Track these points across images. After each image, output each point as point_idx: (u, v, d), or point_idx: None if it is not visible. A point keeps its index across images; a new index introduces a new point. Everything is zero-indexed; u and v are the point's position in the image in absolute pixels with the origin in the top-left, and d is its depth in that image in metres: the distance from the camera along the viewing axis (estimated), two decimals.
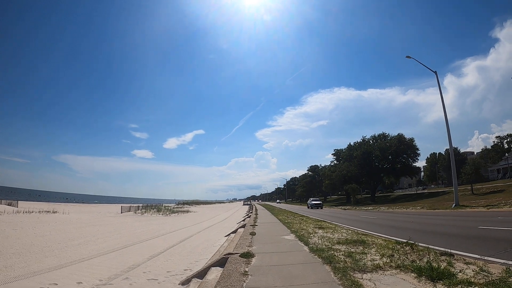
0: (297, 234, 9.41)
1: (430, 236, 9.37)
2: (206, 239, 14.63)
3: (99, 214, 34.52)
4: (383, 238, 8.63)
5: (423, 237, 8.56)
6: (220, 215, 39.47)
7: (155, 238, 15.51)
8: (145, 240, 14.48)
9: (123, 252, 11.25)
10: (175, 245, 13.01)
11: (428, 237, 9.01)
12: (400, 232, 10.46)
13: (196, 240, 14.54)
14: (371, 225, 14.11)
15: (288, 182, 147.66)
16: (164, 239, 15.41)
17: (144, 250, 11.64)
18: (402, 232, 10.44)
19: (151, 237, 15.70)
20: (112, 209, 45.74)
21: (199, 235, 16.50)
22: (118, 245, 12.49)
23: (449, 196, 36.24)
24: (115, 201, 78.30)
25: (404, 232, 10.59)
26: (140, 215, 36.25)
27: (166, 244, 13.03)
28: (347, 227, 12.35)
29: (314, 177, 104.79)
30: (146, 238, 15.17)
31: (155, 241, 14.57)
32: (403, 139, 51.51)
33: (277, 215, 21.50)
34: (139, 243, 13.68)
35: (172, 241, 14.07)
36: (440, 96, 24.95)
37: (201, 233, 17.72)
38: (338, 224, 13.93)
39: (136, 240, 14.64)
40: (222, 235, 15.31)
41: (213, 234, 17.00)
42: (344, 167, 56.78)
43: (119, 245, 12.49)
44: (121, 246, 12.37)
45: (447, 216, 16.94)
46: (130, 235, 16.66)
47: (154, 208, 45.37)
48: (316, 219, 18.23)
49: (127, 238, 14.95)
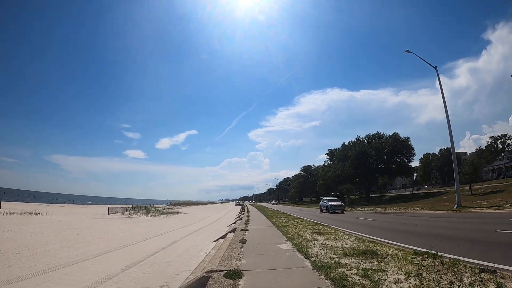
0: (294, 242, 8.10)
1: (446, 242, 8.17)
2: (192, 244, 13.25)
3: (84, 216, 32.86)
4: (395, 247, 7.39)
5: (439, 244, 7.34)
6: (211, 216, 38.03)
7: (138, 243, 14.09)
8: (126, 246, 13.07)
9: (97, 260, 9.85)
10: (157, 251, 11.63)
11: (444, 244, 7.81)
12: (410, 238, 9.27)
13: (182, 245, 13.16)
14: (373, 229, 12.92)
15: (281, 182, 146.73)
16: (148, 244, 14.03)
17: (122, 258, 10.26)
18: (412, 238, 9.25)
19: (133, 242, 14.27)
20: (99, 210, 43.84)
21: (185, 240, 15.11)
22: (94, 252, 11.08)
23: (446, 196, 35.50)
24: (107, 202, 75.98)
25: (413, 237, 9.42)
26: (127, 217, 34.65)
27: (148, 251, 11.66)
28: (349, 232, 11.12)
29: (307, 178, 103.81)
30: (128, 243, 13.74)
31: (137, 246, 13.17)
32: (399, 138, 50.80)
33: (270, 218, 20.21)
34: (119, 249, 12.29)
35: (156, 247, 12.69)
36: (440, 91, 24.08)
37: (188, 237, 16.32)
38: (337, 228, 12.69)
39: (116, 245, 13.23)
40: (210, 240, 13.95)
41: (201, 238, 15.63)
42: (338, 167, 55.79)
43: (95, 252, 11.07)
44: (97, 252, 10.96)
45: (453, 218, 15.90)
46: (111, 239, 15.21)
47: (143, 209, 43.82)
48: (312, 222, 17.00)
49: (107, 243, 13.51)
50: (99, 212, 39.48)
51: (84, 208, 52.19)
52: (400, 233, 10.77)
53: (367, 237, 9.62)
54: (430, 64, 25.05)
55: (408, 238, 9.34)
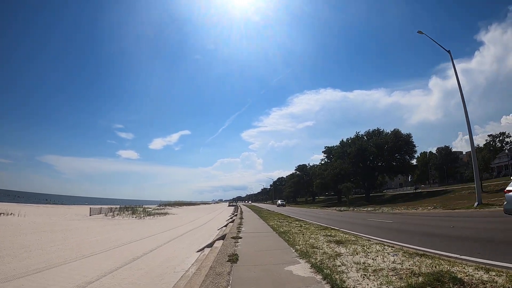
0: (312, 260, 5.32)
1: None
2: (170, 256, 10.41)
3: (63, 217, 29.89)
4: (469, 263, 4.71)
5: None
6: (201, 217, 35.11)
7: (105, 252, 11.28)
8: (88, 256, 10.32)
9: (42, 276, 7.22)
10: (125, 264, 8.86)
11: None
12: (466, 246, 6.65)
13: (157, 257, 10.33)
14: (400, 234, 10.23)
15: (275, 182, 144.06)
16: (116, 253, 11.22)
17: (76, 273, 7.56)
18: (468, 246, 6.62)
19: (100, 250, 11.47)
20: (83, 211, 40.62)
21: (164, 248, 12.25)
22: (40, 265, 8.41)
23: (454, 195, 33.25)
24: (98, 203, 72.32)
25: (469, 244, 6.78)
26: (110, 218, 31.78)
27: (114, 263, 8.93)
28: (376, 240, 8.41)
29: (302, 177, 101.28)
30: (92, 252, 11.02)
31: (104, 255, 10.48)
32: (400, 134, 48.29)
33: (267, 220, 17.44)
34: (79, 259, 9.69)
35: (124, 258, 9.89)
36: (456, 77, 21.75)
37: (169, 244, 13.45)
38: (355, 234, 10.00)
39: (79, 254, 10.51)
40: (195, 249, 11.14)
41: (185, 245, 12.79)
42: (337, 164, 52.99)
43: (41, 265, 8.42)
44: (43, 266, 8.31)
45: (487, 218, 13.47)
46: (75, 246, 12.35)
47: (130, 210, 41.00)
48: (318, 224, 14.29)
49: (65, 253, 10.74)
50: (81, 213, 36.57)
51: (69, 208, 48.85)
52: (443, 240, 8.11)
53: (405, 246, 6.93)
54: (444, 48, 22.67)
55: (462, 246, 6.69)
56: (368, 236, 9.20)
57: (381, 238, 8.73)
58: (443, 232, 9.84)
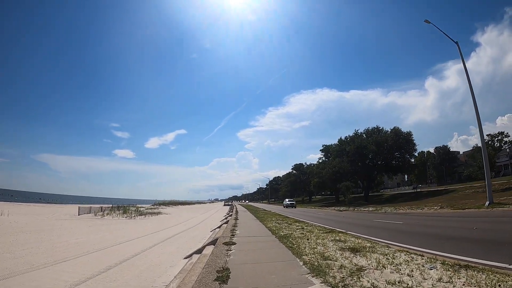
0: (327, 278, 3.99)
1: None
2: (155, 262, 9.04)
3: (50, 216, 28.35)
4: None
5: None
6: (195, 217, 33.70)
7: (84, 256, 9.95)
8: (64, 260, 9.15)
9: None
10: (98, 274, 7.47)
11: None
12: (496, 251, 5.39)
13: (141, 262, 8.97)
14: (419, 237, 8.94)
15: (271, 181, 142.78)
16: (97, 257, 9.89)
17: (35, 285, 6.22)
18: (500, 251, 5.37)
19: (78, 254, 10.14)
20: (73, 210, 38.96)
21: (149, 253, 10.86)
22: (5, 272, 7.06)
23: (457, 194, 32.18)
24: (93, 202, 70.62)
25: (505, 250, 5.51)
26: (99, 218, 30.27)
27: (86, 271, 7.56)
28: (394, 245, 7.12)
29: (299, 176, 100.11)
30: (69, 256, 9.68)
31: (77, 261, 9.13)
32: (400, 132, 47.07)
33: (264, 221, 16.10)
34: (49, 265, 8.23)
35: (103, 263, 8.58)
36: (464, 69, 20.67)
37: (155, 248, 12.06)
38: (369, 238, 8.70)
39: (51, 259, 9.24)
40: (182, 255, 9.77)
41: (173, 249, 11.42)
42: (335, 163, 51.57)
43: (6, 272, 7.06)
44: (8, 273, 6.91)
45: (505, 218, 12.28)
46: (52, 249, 11.01)
47: (121, 209, 39.44)
48: (321, 226, 13.00)
49: (39, 257, 9.47)
50: (69, 213, 34.99)
51: (60, 207, 47.13)
52: (474, 244, 6.83)
53: (435, 254, 5.63)
54: (451, 39, 21.60)
55: (501, 252, 5.42)
56: (383, 241, 7.90)
57: (399, 243, 7.44)
58: (467, 234, 8.58)
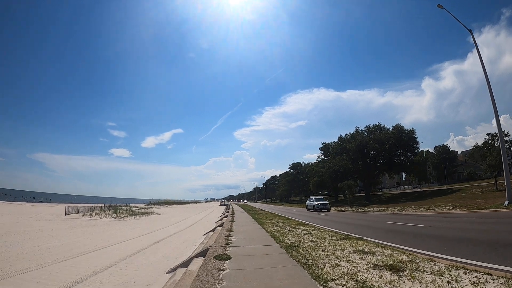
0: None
1: None
2: (129, 278, 7.22)
3: (34, 216, 26.52)
4: None
5: None
6: (189, 218, 31.83)
7: (48, 266, 8.19)
8: (20, 273, 7.52)
9: None
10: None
11: None
12: None
13: (109, 279, 7.16)
14: (459, 244, 7.11)
15: (268, 181, 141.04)
16: (63, 268, 8.17)
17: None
18: None
19: (41, 264, 8.44)
20: (60, 209, 37.05)
21: (128, 263, 9.02)
22: None
23: (464, 193, 30.74)
24: (89, 201, 69.02)
25: None
26: (87, 219, 28.42)
27: None
28: (438, 256, 5.35)
29: (297, 176, 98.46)
30: (31, 266, 7.97)
31: (36, 274, 7.49)
32: (403, 130, 45.44)
33: (264, 224, 14.28)
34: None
35: (66, 279, 6.89)
36: (478, 56, 19.22)
37: (138, 255, 10.22)
38: (397, 247, 6.96)
39: (3, 272, 7.44)
40: (166, 268, 7.97)
41: (155, 260, 9.52)
42: (336, 161, 49.64)
43: None
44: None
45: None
46: (15, 257, 9.20)
47: (111, 209, 37.58)
48: (331, 231, 11.26)
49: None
50: (55, 212, 33.10)
51: (49, 207, 45.21)
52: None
53: (502, 270, 3.91)
54: (465, 26, 20.06)
55: None
56: (419, 251, 6.15)
57: (442, 254, 5.68)
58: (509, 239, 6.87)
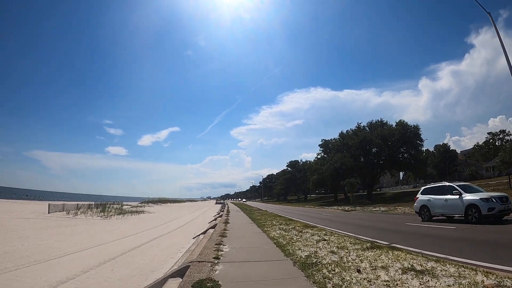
0: None
1: None
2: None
3: (14, 214, 24.67)
4: None
5: None
6: (181, 217, 29.82)
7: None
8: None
9: None
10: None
11: None
12: None
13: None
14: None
15: (264, 179, 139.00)
16: (8, 281, 6.15)
17: None
18: None
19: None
20: (44, 207, 35.01)
21: (88, 278, 7.00)
22: None
23: None
24: (84, 199, 67.26)
25: None
26: (71, 217, 26.56)
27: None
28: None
29: (294, 174, 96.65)
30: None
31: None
32: (407, 126, 43.53)
33: (264, 226, 12.21)
34: None
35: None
36: (498, 39, 17.17)
37: (105, 266, 8.15)
38: (453, 260, 4.99)
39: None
40: (139, 285, 5.98)
41: (124, 275, 7.39)
42: (337, 158, 47.49)
43: None
44: None
45: None
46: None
47: (99, 207, 35.71)
48: (346, 235, 9.33)
49: None
50: (40, 210, 31.09)
51: (37, 205, 42.96)
52: None
53: None
54: (484, 9, 18.08)
55: None
56: (492, 266, 4.21)
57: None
58: None
